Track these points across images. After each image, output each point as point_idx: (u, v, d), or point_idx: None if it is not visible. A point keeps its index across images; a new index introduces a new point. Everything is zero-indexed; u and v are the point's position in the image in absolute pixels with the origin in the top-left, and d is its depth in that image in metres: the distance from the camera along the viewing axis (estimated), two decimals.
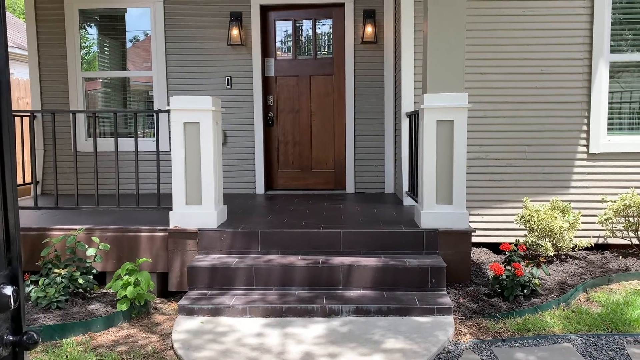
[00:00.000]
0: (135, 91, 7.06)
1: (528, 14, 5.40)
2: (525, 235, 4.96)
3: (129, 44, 6.96)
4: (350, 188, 6.67)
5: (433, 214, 4.33)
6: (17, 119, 6.03)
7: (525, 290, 4.01)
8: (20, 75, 12.78)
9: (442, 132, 4.29)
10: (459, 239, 4.31)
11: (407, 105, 5.50)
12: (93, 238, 4.21)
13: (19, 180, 6.71)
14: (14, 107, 8.83)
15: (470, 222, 4.42)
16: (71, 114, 4.64)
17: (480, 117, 5.41)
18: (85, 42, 6.92)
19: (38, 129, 6.67)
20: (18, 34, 15.51)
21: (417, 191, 4.65)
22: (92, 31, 6.99)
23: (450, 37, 4.35)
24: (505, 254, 5.08)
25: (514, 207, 5.46)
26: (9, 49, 13.14)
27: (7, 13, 16.64)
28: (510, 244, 4.36)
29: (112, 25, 6.97)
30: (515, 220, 5.01)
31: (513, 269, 3.99)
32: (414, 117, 5.00)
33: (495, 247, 5.46)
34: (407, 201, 5.48)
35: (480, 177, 5.49)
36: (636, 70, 5.58)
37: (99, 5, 6.71)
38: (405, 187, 5.52)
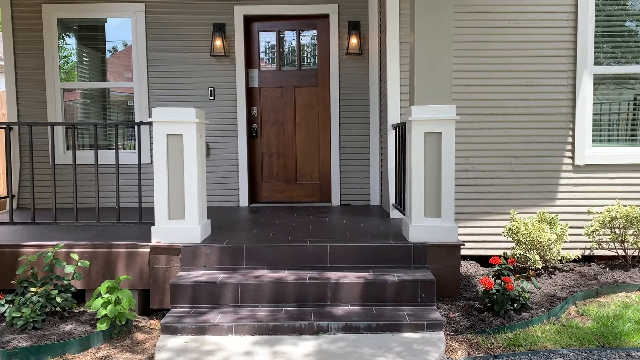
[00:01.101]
0: (115, 102, 6.91)
1: (513, 26, 5.41)
2: (513, 248, 4.93)
3: (109, 54, 6.82)
4: (335, 200, 6.59)
5: (421, 228, 4.27)
6: None
7: (515, 305, 3.96)
8: None
9: (429, 144, 4.24)
10: (448, 253, 4.25)
11: (393, 117, 5.46)
12: (72, 255, 4.06)
13: None
14: None
15: (457, 234, 4.37)
16: (50, 127, 4.48)
17: (466, 128, 5.39)
18: (64, 52, 6.76)
19: (14, 141, 6.48)
20: None
21: (405, 204, 4.59)
22: (71, 41, 6.84)
23: (438, 49, 4.31)
24: (493, 267, 5.05)
25: (500, 219, 5.44)
26: None
27: None
28: (499, 257, 4.31)
29: (91, 35, 6.83)
30: (503, 232, 4.98)
31: (503, 283, 3.94)
32: (401, 128, 4.95)
33: (482, 260, 5.42)
34: (394, 214, 5.42)
35: (466, 189, 5.45)
36: (620, 82, 5.62)
37: (78, 15, 6.57)
38: (392, 199, 5.46)
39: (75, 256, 4.04)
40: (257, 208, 6.43)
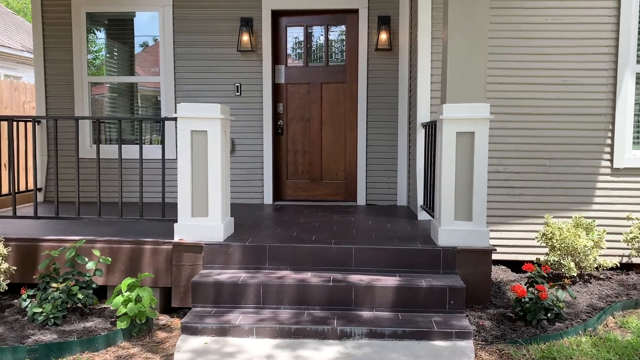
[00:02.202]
0: (144, 96, 6.89)
1: (550, 22, 5.18)
2: (547, 254, 4.72)
3: (137, 49, 6.80)
4: (361, 200, 6.45)
5: (451, 231, 4.10)
6: (21, 124, 5.87)
7: (549, 314, 3.77)
8: (29, 79, 12.69)
9: (461, 144, 4.07)
10: (479, 258, 4.08)
11: (423, 115, 5.28)
12: (94, 251, 4.01)
13: (22, 187, 6.56)
14: (20, 111, 8.69)
15: (489, 239, 4.18)
16: (75, 121, 4.45)
17: (499, 128, 5.18)
18: (92, 46, 6.76)
19: (42, 135, 6.52)
20: (28, 37, 15.46)
21: (434, 206, 4.43)
22: (100, 35, 6.84)
23: (472, 45, 4.13)
24: (524, 273, 4.85)
25: (533, 223, 5.23)
26: (17, 52, 13.09)
27: (18, 17, 16.61)
28: (533, 263, 4.12)
29: (120, 29, 6.82)
30: (537, 238, 4.77)
31: (537, 292, 3.75)
32: (431, 127, 4.79)
33: (513, 265, 5.22)
34: (422, 215, 5.26)
35: (498, 191, 5.25)
36: None
37: (106, 9, 6.55)
38: (420, 200, 5.29)
39: (97, 252, 3.99)
40: (281, 206, 6.33)
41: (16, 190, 5.82)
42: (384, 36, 6.16)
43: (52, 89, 6.59)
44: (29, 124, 6.24)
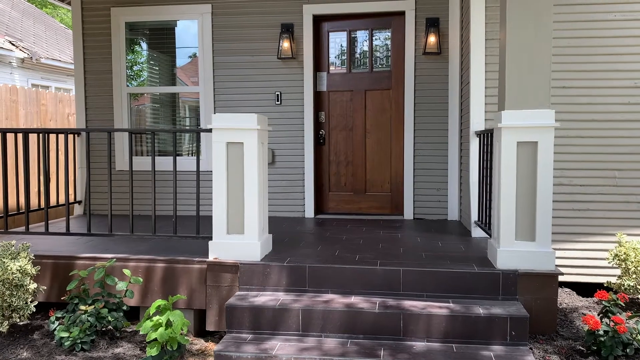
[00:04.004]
0: (186, 106, 6.74)
1: (619, 18, 4.68)
2: (619, 277, 4.21)
3: (177, 58, 6.65)
4: (408, 213, 6.05)
5: (512, 253, 3.68)
6: (61, 136, 5.79)
7: (627, 350, 3.29)
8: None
9: (523, 155, 3.64)
10: (543, 283, 3.63)
11: (477, 123, 4.87)
12: (124, 270, 3.79)
13: (62, 200, 6.49)
14: (64, 123, 8.74)
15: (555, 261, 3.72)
16: (107, 133, 4.28)
17: (561, 136, 4.71)
18: (132, 56, 6.66)
19: (82, 146, 6.43)
20: None
21: (492, 224, 4.01)
22: (139, 45, 6.73)
23: (534, 45, 3.71)
24: (592, 296, 4.36)
25: (602, 242, 4.72)
26: (66, 65, 13.34)
27: (69, 31, 17.03)
28: (607, 290, 3.64)
29: (160, 38, 6.70)
30: (608, 258, 4.27)
31: (614, 324, 3.28)
32: (486, 136, 4.37)
33: (579, 287, 4.73)
34: (476, 232, 4.82)
35: (561, 205, 4.76)
36: None
37: (145, 18, 6.44)
38: (474, 216, 4.86)
39: (127, 272, 3.77)
40: (323, 220, 6.01)
41: (56, 203, 5.74)
42: (432, 39, 5.77)
43: (92, 100, 6.52)
44: (70, 136, 6.17)
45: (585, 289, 4.75)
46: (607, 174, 4.76)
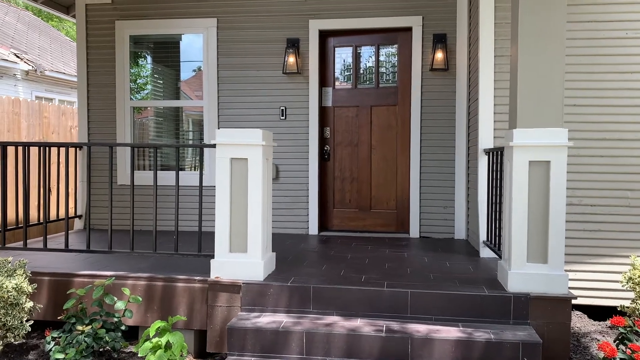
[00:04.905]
0: (190, 120, 6.67)
1: (631, 36, 4.61)
2: (633, 301, 4.06)
3: (182, 72, 6.60)
4: (414, 232, 5.93)
5: (523, 275, 3.56)
6: (62, 150, 5.71)
7: None
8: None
9: (535, 175, 3.54)
10: (556, 307, 3.50)
11: (485, 141, 4.78)
12: (123, 289, 3.68)
13: (62, 214, 6.39)
14: (67, 136, 8.68)
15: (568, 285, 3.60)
16: (109, 147, 4.20)
17: (572, 155, 4.61)
18: (135, 69, 6.61)
19: (84, 160, 6.35)
20: None
21: (502, 244, 3.89)
22: (143, 58, 6.69)
23: (546, 63, 3.63)
24: (605, 320, 4.23)
25: (614, 263, 4.60)
26: (70, 77, 13.34)
27: (68, 39, 17.09)
28: (623, 316, 3.52)
29: (164, 52, 6.65)
30: (621, 282, 4.14)
31: (631, 352, 3.15)
32: (496, 154, 4.28)
33: (590, 310, 4.60)
34: (484, 252, 4.71)
35: (572, 225, 4.64)
36: None
37: (149, 32, 6.40)
38: (483, 235, 4.75)
39: (126, 291, 3.66)
40: (327, 237, 5.89)
41: (56, 217, 5.64)
42: (439, 55, 5.70)
43: (95, 113, 6.46)
44: (71, 149, 6.09)
45: (597, 312, 4.62)
46: (619, 194, 4.66)
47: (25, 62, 12.11)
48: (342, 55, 6.28)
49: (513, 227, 3.57)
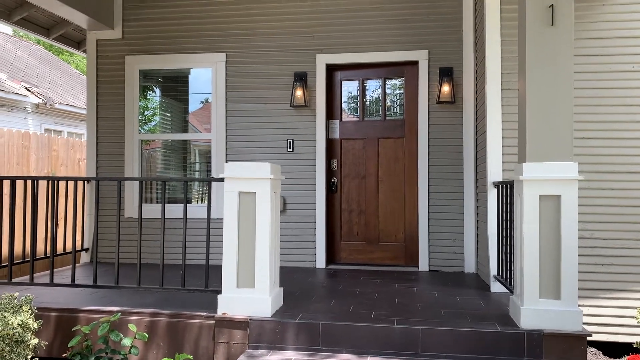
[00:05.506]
0: (197, 151, 6.71)
1: (638, 70, 4.62)
2: None
3: (190, 105, 6.67)
4: (423, 265, 5.86)
5: (536, 312, 3.49)
6: (70, 183, 5.73)
7: None
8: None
9: (546, 209, 3.50)
10: (571, 345, 3.42)
11: (494, 173, 4.76)
12: (130, 325, 3.63)
13: (69, 246, 6.37)
14: (75, 168, 8.73)
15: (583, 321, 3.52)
16: (117, 181, 4.21)
17: (582, 188, 4.54)
18: (144, 102, 6.68)
19: (92, 193, 6.36)
20: None
21: (514, 280, 3.83)
22: (152, 92, 6.77)
23: (555, 97, 3.64)
24: (620, 357, 4.13)
25: (627, 299, 4.52)
26: (79, 110, 13.52)
27: (84, 77, 17.36)
28: (637, 352, 3.43)
29: (173, 86, 6.73)
30: (636, 317, 4.05)
31: None
32: (505, 187, 4.25)
33: (605, 347, 4.49)
34: (495, 287, 4.63)
35: (583, 260, 4.57)
36: None
37: (160, 66, 6.49)
38: (493, 270, 4.68)
39: (133, 327, 3.60)
40: (335, 271, 5.83)
41: (63, 251, 5.63)
42: (446, 88, 5.73)
43: (103, 146, 6.50)
44: (79, 182, 6.11)
45: (612, 349, 4.51)
46: (631, 228, 4.61)
47: (35, 95, 12.29)
48: (349, 88, 6.33)
49: (525, 262, 3.52)
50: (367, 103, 6.31)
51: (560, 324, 3.47)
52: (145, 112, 6.71)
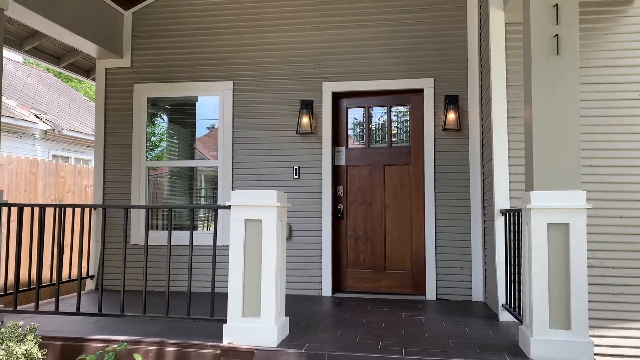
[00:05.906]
0: (204, 177, 6.73)
1: None
2: None
3: (197, 132, 6.72)
4: (430, 293, 5.80)
5: (546, 342, 3.43)
6: (77, 210, 5.75)
7: None
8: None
9: (554, 237, 3.48)
10: None
11: (501, 201, 4.74)
12: (135, 355, 3.60)
13: (74, 273, 6.35)
14: (82, 195, 8.77)
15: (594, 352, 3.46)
16: (124, 209, 4.21)
17: (591, 216, 4.50)
18: (151, 128, 6.73)
19: (98, 220, 6.37)
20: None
21: (523, 309, 3.78)
22: (160, 118, 6.83)
23: (562, 125, 3.64)
24: None
25: (638, 329, 4.43)
26: (87, 137, 13.64)
27: (92, 104, 17.57)
28: None
29: (179, 112, 6.80)
30: None
31: None
32: (513, 215, 4.23)
33: None
34: (504, 316, 4.57)
35: (593, 289, 4.49)
36: None
37: (167, 94, 6.56)
38: (502, 299, 4.63)
39: (138, 357, 3.57)
40: (341, 299, 5.78)
41: (68, 278, 5.61)
42: (451, 116, 5.76)
43: (110, 173, 6.54)
44: (86, 209, 6.12)
45: None
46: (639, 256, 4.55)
47: (44, 122, 12.43)
48: (355, 115, 6.37)
49: (534, 292, 3.48)
50: (373, 130, 6.34)
51: (571, 354, 3.40)
52: (152, 139, 6.76)
